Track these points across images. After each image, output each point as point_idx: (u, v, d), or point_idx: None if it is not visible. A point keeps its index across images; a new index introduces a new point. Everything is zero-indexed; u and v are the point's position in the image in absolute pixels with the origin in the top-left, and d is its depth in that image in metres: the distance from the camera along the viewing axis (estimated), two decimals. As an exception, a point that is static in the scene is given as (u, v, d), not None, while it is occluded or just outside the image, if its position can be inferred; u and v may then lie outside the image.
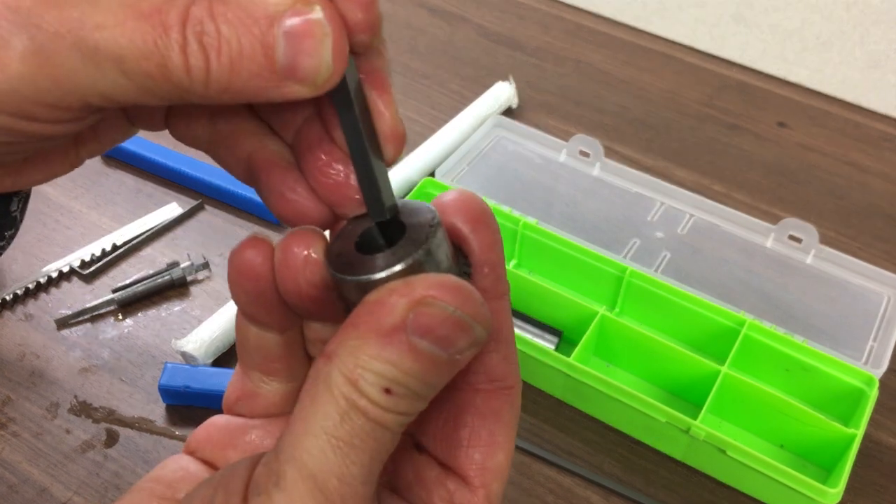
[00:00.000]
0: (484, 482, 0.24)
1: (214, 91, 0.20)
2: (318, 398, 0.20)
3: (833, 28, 0.78)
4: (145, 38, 0.20)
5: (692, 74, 0.82)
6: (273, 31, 0.20)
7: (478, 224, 0.24)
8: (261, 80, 0.20)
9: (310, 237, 0.23)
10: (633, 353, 0.53)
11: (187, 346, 0.51)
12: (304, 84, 0.21)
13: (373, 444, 0.20)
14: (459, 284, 0.21)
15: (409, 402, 0.20)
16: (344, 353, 0.20)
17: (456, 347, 0.21)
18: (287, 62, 0.20)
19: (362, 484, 0.20)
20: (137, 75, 0.20)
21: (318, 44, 0.20)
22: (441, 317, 0.20)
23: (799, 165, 0.73)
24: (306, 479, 0.20)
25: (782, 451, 0.52)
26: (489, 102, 0.72)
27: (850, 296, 0.57)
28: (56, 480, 0.47)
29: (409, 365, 0.20)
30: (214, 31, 0.20)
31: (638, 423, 0.50)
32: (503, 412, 0.24)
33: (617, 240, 0.59)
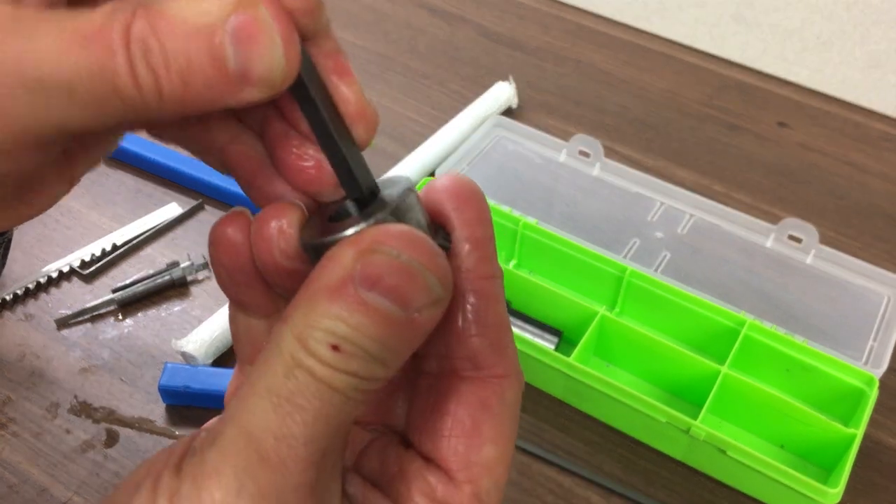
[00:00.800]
0: (470, 477, 0.22)
1: (170, 107, 0.20)
2: (269, 359, 0.19)
3: (833, 28, 0.78)
4: (92, 64, 0.19)
5: (692, 74, 0.82)
6: (218, 38, 0.19)
7: (461, 201, 0.23)
8: (215, 89, 0.20)
9: (285, 209, 0.23)
10: (633, 353, 0.53)
11: (187, 346, 0.51)
12: (261, 86, 0.20)
13: (318, 404, 0.19)
14: (411, 231, 0.20)
15: (361, 362, 0.19)
16: (296, 312, 0.19)
17: (411, 304, 0.19)
18: (239, 68, 0.19)
19: (304, 445, 0.19)
20: (90, 102, 0.19)
21: (267, 44, 0.20)
22: (388, 264, 0.19)
23: (799, 165, 0.73)
24: (242, 437, 0.19)
25: (782, 451, 0.52)
26: (489, 102, 0.72)
27: (850, 296, 0.57)
28: (56, 480, 0.47)
29: (358, 320, 0.19)
30: (158, 47, 0.19)
31: (638, 424, 0.50)
32: (491, 402, 0.23)
33: (617, 240, 0.59)
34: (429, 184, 0.23)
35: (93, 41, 0.19)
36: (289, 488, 0.19)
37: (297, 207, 0.23)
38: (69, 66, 0.19)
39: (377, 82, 0.77)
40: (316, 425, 0.19)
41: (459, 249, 0.23)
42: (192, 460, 0.19)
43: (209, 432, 0.20)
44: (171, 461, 0.20)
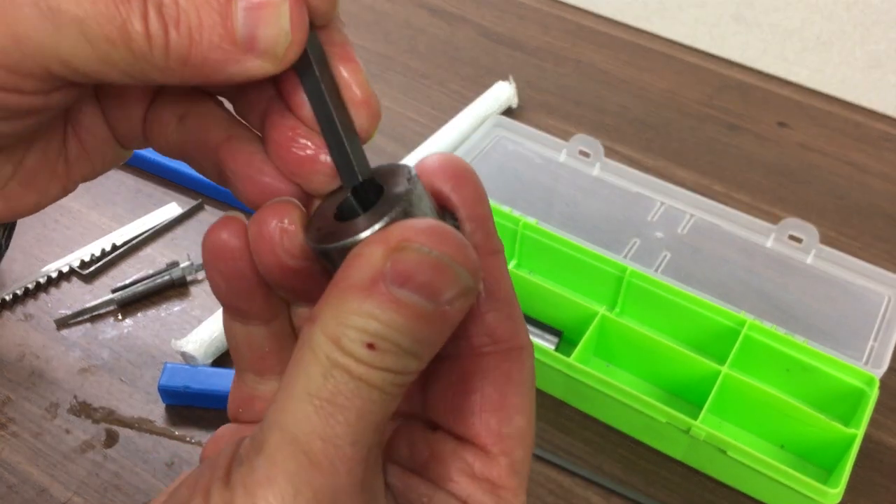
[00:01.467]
0: (504, 449, 0.23)
1: (175, 63, 0.20)
2: (301, 362, 0.19)
3: (833, 28, 0.78)
4: (106, 3, 0.19)
5: (692, 74, 0.82)
6: (231, 2, 0.20)
7: (458, 181, 0.23)
8: (221, 52, 0.20)
9: (284, 207, 0.23)
10: (634, 354, 0.53)
11: (187, 347, 0.51)
12: (266, 57, 0.21)
13: (359, 402, 0.19)
14: (439, 225, 0.20)
15: (396, 357, 0.19)
16: (326, 313, 0.19)
17: (442, 296, 0.19)
18: (246, 33, 0.20)
19: (350, 445, 0.19)
20: (98, 40, 0.20)
21: (275, 13, 0.20)
22: (418, 260, 0.19)
23: (799, 165, 0.73)
24: (289, 443, 0.19)
25: (783, 451, 0.52)
26: (489, 102, 0.72)
27: (850, 296, 0.57)
28: (56, 480, 0.47)
29: (391, 317, 0.19)
30: (173, 2, 0.20)
31: (638, 424, 0.50)
32: (513, 373, 0.23)
33: (617, 240, 0.59)
34: (419, 165, 0.23)
35: None
36: (341, 489, 0.19)
37: (296, 205, 0.23)
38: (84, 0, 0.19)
39: (377, 82, 0.76)
40: (359, 424, 0.19)
41: (464, 229, 0.23)
42: (240, 470, 0.19)
43: (253, 440, 0.20)
44: (216, 474, 0.19)
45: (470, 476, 0.23)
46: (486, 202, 0.23)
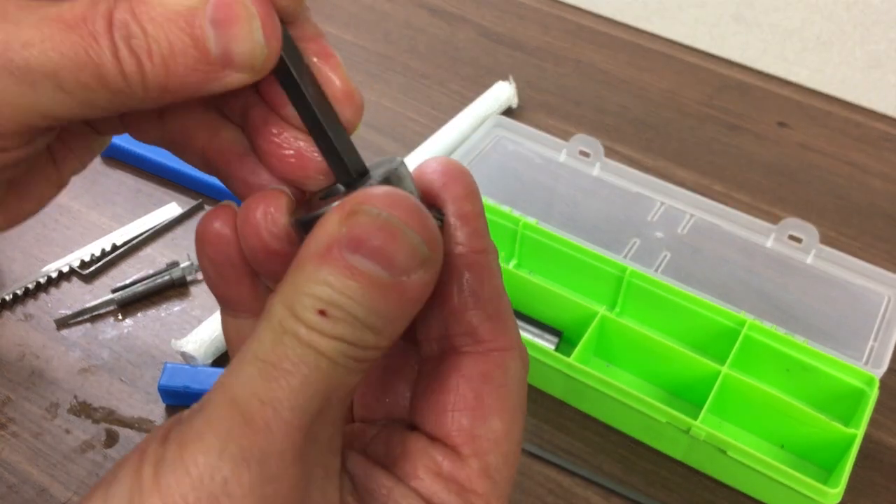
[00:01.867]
0: (476, 451, 0.22)
1: (154, 92, 0.20)
2: (257, 329, 0.19)
3: (833, 28, 0.78)
4: (76, 50, 0.19)
5: (692, 74, 0.82)
6: (199, 21, 0.20)
7: (448, 178, 0.23)
8: (198, 73, 0.20)
9: (271, 194, 0.23)
10: (634, 354, 0.53)
11: (187, 347, 0.51)
12: (244, 70, 0.20)
13: (305, 369, 0.19)
14: (393, 190, 0.19)
15: (349, 327, 0.19)
16: (284, 283, 0.19)
17: (396, 264, 0.19)
18: (220, 51, 0.20)
19: (289, 409, 0.19)
20: (75, 88, 0.19)
21: (246, 27, 0.20)
22: (370, 223, 0.19)
23: (799, 165, 0.73)
24: (227, 402, 0.19)
25: (783, 451, 0.52)
26: (489, 102, 0.72)
27: (850, 296, 0.57)
28: (56, 481, 0.47)
29: (346, 283, 0.19)
30: (140, 32, 0.19)
31: (638, 424, 0.50)
32: (493, 375, 0.22)
33: (617, 240, 0.59)
34: (418, 167, 0.23)
35: (75, 28, 0.19)
36: (273, 451, 0.18)
37: (283, 193, 0.23)
38: (53, 52, 0.19)
39: (377, 82, 0.76)
40: (303, 390, 0.19)
41: (450, 224, 0.23)
42: (178, 428, 0.19)
43: (199, 402, 0.20)
44: (158, 433, 0.20)
45: (436, 474, 0.22)
46: (478, 201, 0.23)
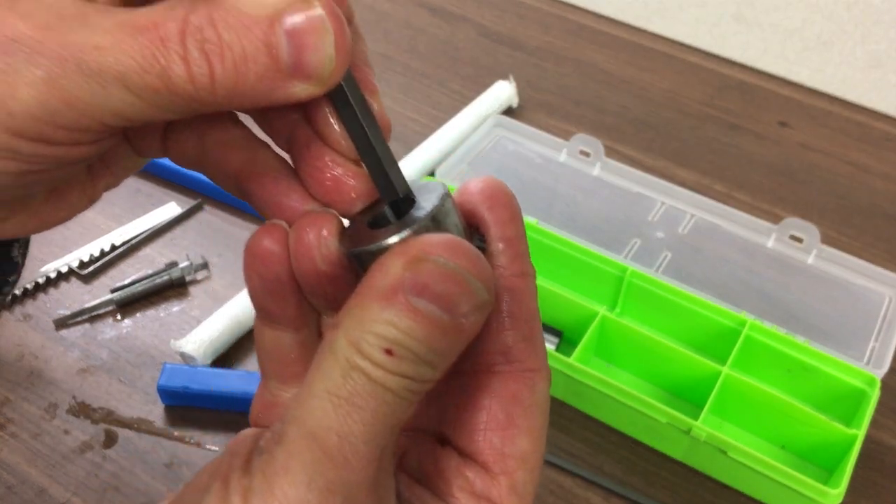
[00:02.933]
0: (505, 469, 0.23)
1: (222, 97, 0.21)
2: (323, 363, 0.20)
3: (834, 27, 0.78)
4: (144, 54, 0.20)
5: (693, 74, 0.82)
6: (275, 30, 0.20)
7: (493, 202, 0.24)
8: (267, 80, 0.21)
9: (323, 217, 0.23)
10: (634, 354, 0.53)
11: (186, 347, 0.51)
12: (311, 81, 0.21)
13: (374, 404, 0.20)
14: (456, 240, 0.21)
15: (412, 365, 0.20)
16: (347, 318, 0.20)
17: (458, 308, 0.20)
18: (292, 60, 0.20)
19: (364, 443, 0.20)
20: (142, 91, 0.20)
21: (320, 39, 0.21)
22: (436, 272, 0.20)
23: (800, 165, 0.73)
24: (306, 436, 0.20)
25: (783, 451, 0.51)
26: (489, 102, 0.72)
27: (851, 296, 0.57)
28: (54, 481, 0.47)
29: (408, 325, 0.20)
30: (215, 37, 0.20)
31: (639, 424, 0.50)
32: (523, 395, 0.23)
33: (617, 240, 0.59)
34: (462, 186, 0.24)
35: (144, 32, 0.20)
36: (353, 484, 0.20)
37: (334, 216, 0.24)
38: (122, 55, 0.20)
39: (377, 82, 0.76)
40: (374, 424, 0.20)
41: (493, 248, 0.24)
42: (260, 458, 0.20)
43: (273, 433, 0.21)
44: (236, 463, 0.20)
45: (470, 493, 0.23)
46: (520, 225, 0.24)
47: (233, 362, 0.53)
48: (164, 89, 0.20)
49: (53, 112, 0.20)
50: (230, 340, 0.53)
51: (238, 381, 0.50)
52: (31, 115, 0.20)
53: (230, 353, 0.53)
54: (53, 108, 0.20)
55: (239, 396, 0.50)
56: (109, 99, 0.20)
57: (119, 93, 0.20)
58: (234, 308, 0.54)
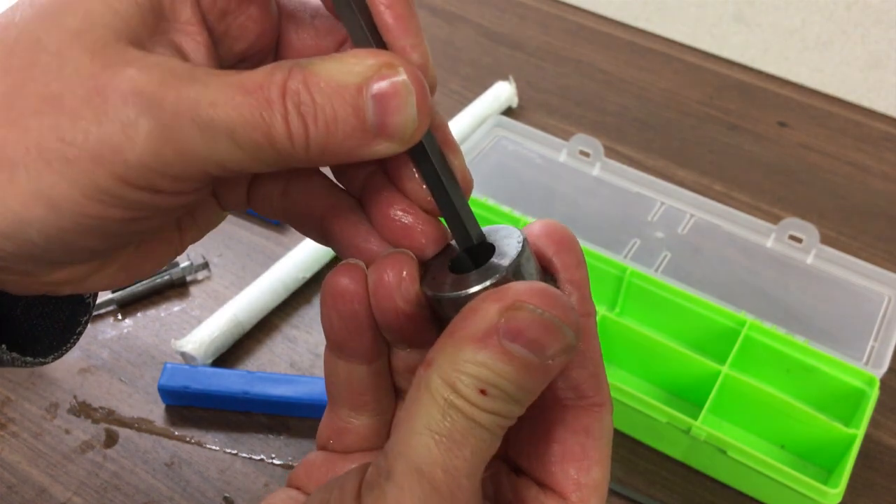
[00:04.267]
0: (581, 498, 0.25)
1: (314, 153, 0.23)
2: (420, 401, 0.22)
3: (834, 28, 0.78)
4: (252, 112, 0.22)
5: (693, 74, 0.82)
6: (362, 95, 0.22)
7: (561, 247, 0.26)
8: (353, 139, 0.23)
9: (404, 259, 0.25)
10: (634, 354, 0.53)
11: (187, 347, 0.51)
12: (393, 140, 0.23)
13: (472, 441, 0.21)
14: (549, 289, 0.22)
15: (504, 403, 0.22)
16: (442, 359, 0.22)
17: (548, 351, 0.22)
18: (377, 121, 0.22)
19: (466, 477, 0.21)
20: (247, 144, 0.22)
21: (403, 102, 0.23)
22: (531, 319, 0.22)
23: (799, 165, 0.73)
24: (414, 472, 0.21)
25: (783, 451, 0.52)
26: (489, 102, 0.72)
27: (850, 296, 0.57)
28: (55, 481, 0.47)
29: (502, 367, 0.21)
30: (310, 100, 0.22)
31: (638, 424, 0.50)
32: (593, 428, 0.25)
33: (617, 240, 0.59)
34: (527, 229, 0.26)
35: (253, 93, 0.22)
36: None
37: (412, 257, 0.25)
38: (234, 112, 0.22)
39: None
40: (473, 459, 0.22)
41: (563, 290, 0.25)
42: (371, 493, 0.22)
43: (378, 468, 0.22)
44: (347, 497, 0.22)
45: None
46: (585, 269, 0.26)
47: (233, 362, 0.53)
48: (266, 144, 0.22)
49: (165, 162, 0.22)
50: (231, 340, 0.53)
51: (238, 380, 0.50)
52: (144, 164, 0.22)
53: (230, 352, 0.53)
54: (166, 158, 0.22)
55: (239, 396, 0.50)
56: (217, 151, 0.22)
57: (226, 146, 0.22)
58: (235, 308, 0.54)
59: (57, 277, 0.25)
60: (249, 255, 0.60)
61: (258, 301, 0.55)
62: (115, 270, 0.27)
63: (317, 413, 0.50)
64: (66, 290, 0.26)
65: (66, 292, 0.27)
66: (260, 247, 0.60)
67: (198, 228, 0.29)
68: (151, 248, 0.28)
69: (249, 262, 0.59)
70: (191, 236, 0.29)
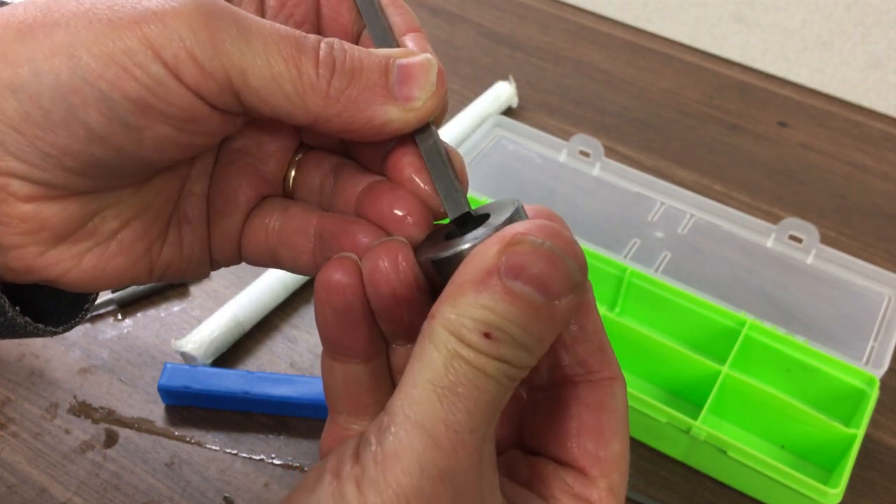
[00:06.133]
0: (602, 472, 0.24)
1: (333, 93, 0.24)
2: (423, 353, 0.21)
3: (834, 27, 0.78)
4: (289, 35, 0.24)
5: (693, 74, 0.82)
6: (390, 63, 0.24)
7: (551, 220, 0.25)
8: (374, 93, 0.24)
9: (397, 244, 0.25)
10: (634, 354, 0.53)
11: (187, 347, 0.51)
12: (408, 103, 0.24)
13: (476, 392, 0.21)
14: (549, 223, 0.22)
15: (510, 348, 0.21)
16: (444, 307, 0.21)
17: (553, 289, 0.21)
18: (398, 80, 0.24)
19: (469, 432, 0.21)
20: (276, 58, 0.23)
21: (426, 71, 0.24)
22: (532, 251, 0.21)
23: (799, 165, 0.73)
24: (415, 426, 0.21)
25: (783, 451, 0.52)
26: (489, 102, 0.72)
27: (850, 296, 0.57)
28: (55, 481, 0.47)
29: (505, 308, 0.21)
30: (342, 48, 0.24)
31: (638, 424, 0.50)
32: (606, 402, 0.25)
33: (617, 240, 0.59)
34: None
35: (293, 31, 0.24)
36: (461, 472, 0.21)
37: (405, 242, 0.25)
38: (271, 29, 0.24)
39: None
40: (477, 413, 0.21)
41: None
42: (368, 449, 0.21)
43: (378, 424, 0.22)
44: (344, 456, 0.22)
45: (571, 495, 0.24)
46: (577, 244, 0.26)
47: (233, 362, 0.53)
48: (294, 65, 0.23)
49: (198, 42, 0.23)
50: (231, 340, 0.53)
51: (238, 380, 0.50)
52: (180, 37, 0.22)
53: (230, 352, 0.53)
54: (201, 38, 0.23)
55: (239, 396, 0.50)
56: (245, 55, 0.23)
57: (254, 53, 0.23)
58: (235, 308, 0.54)
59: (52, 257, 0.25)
60: (249, 255, 0.60)
61: (258, 301, 0.55)
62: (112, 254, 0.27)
63: (317, 413, 0.50)
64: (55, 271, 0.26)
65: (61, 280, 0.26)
66: (260, 247, 0.60)
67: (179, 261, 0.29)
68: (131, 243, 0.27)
69: (249, 262, 0.59)
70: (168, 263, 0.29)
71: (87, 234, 0.26)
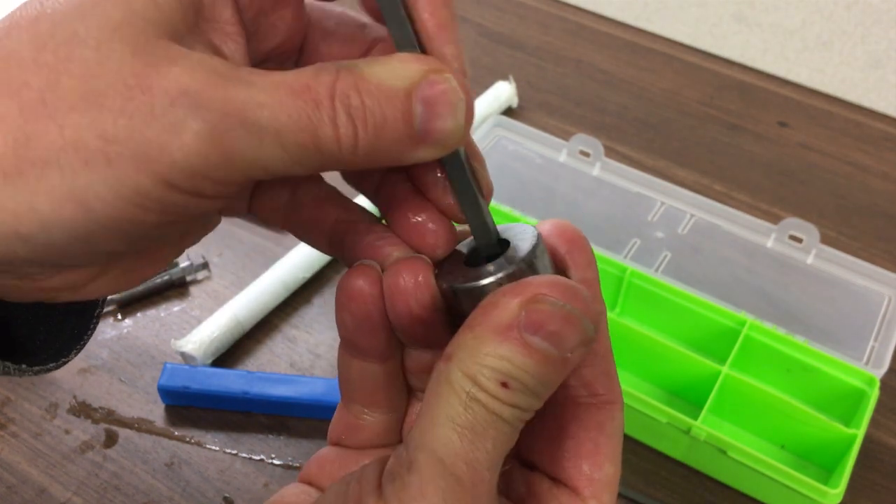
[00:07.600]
0: (594, 493, 0.26)
1: (360, 157, 0.22)
2: (442, 394, 0.22)
3: (834, 27, 0.78)
4: (300, 114, 0.21)
5: (693, 74, 0.82)
6: (411, 101, 0.22)
7: (573, 245, 0.26)
8: (401, 144, 0.23)
9: (419, 263, 0.25)
10: (634, 354, 0.53)
11: (187, 347, 0.51)
12: (437, 146, 0.23)
13: (493, 433, 0.22)
14: (569, 282, 0.23)
15: (524, 396, 0.22)
16: (462, 352, 0.22)
17: (567, 344, 0.22)
18: (422, 127, 0.22)
19: (487, 470, 0.22)
20: (293, 147, 0.22)
21: (452, 108, 0.23)
22: (552, 312, 0.22)
23: (800, 165, 0.73)
24: (436, 464, 0.21)
25: (783, 451, 0.52)
26: (489, 102, 0.72)
27: (851, 296, 0.57)
28: (55, 481, 0.47)
29: (523, 360, 0.22)
30: (360, 103, 0.22)
31: (638, 424, 0.50)
32: (605, 425, 0.26)
33: (617, 240, 0.59)
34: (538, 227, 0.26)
35: (301, 94, 0.21)
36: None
37: (428, 262, 0.25)
38: (281, 114, 0.21)
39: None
40: (494, 452, 0.22)
41: None
42: (392, 484, 0.22)
43: (399, 459, 0.22)
44: (367, 488, 0.22)
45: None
46: (596, 268, 0.26)
47: (233, 362, 0.53)
48: (311, 146, 0.22)
49: (211, 164, 0.21)
50: (230, 340, 0.53)
51: (238, 380, 0.50)
52: (191, 165, 0.21)
53: (230, 352, 0.53)
54: (212, 160, 0.21)
55: (239, 396, 0.50)
56: (262, 154, 0.21)
57: (271, 148, 0.21)
58: (235, 308, 0.54)
59: (56, 282, 0.24)
60: (249, 255, 0.60)
61: (258, 301, 0.55)
62: (118, 275, 0.26)
63: (316, 413, 0.50)
64: (63, 296, 0.25)
65: (63, 299, 0.25)
66: (260, 247, 0.60)
67: (195, 234, 0.28)
68: (153, 253, 0.27)
69: (249, 262, 0.59)
70: (188, 242, 0.28)
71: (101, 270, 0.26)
